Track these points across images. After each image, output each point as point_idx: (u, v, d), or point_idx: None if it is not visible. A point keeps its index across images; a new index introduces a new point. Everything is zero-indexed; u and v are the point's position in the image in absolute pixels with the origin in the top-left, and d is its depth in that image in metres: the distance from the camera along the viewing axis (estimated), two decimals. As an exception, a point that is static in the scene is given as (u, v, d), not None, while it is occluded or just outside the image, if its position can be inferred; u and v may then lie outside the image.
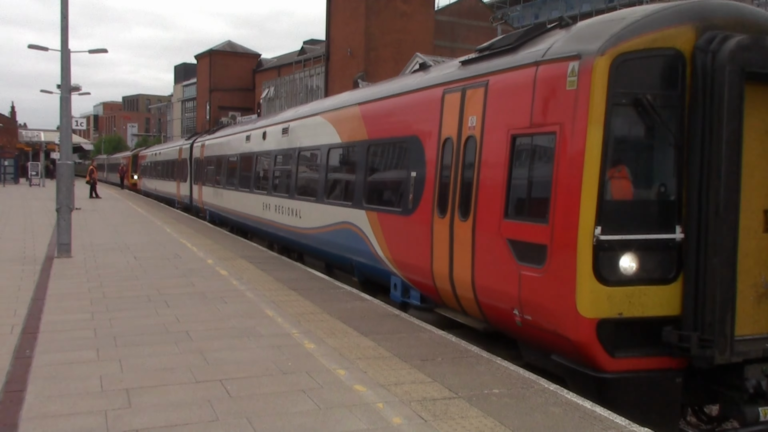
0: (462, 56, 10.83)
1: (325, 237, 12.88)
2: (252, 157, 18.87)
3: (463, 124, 8.31)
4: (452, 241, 8.30)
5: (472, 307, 8.19)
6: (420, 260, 9.15)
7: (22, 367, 6.54)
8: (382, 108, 11.09)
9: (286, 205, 15.28)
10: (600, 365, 6.32)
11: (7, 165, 59.78)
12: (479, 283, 7.75)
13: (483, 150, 7.84)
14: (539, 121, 6.99)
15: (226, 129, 25.29)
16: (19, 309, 9.12)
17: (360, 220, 11.19)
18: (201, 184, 26.52)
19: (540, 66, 7.12)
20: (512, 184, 7.36)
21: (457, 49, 50.70)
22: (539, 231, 6.75)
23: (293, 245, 15.72)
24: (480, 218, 7.74)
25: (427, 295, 9.43)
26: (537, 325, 6.88)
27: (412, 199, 9.44)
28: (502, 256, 7.30)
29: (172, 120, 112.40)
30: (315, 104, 15.82)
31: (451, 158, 8.51)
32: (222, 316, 8.86)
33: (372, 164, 11.29)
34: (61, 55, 15.05)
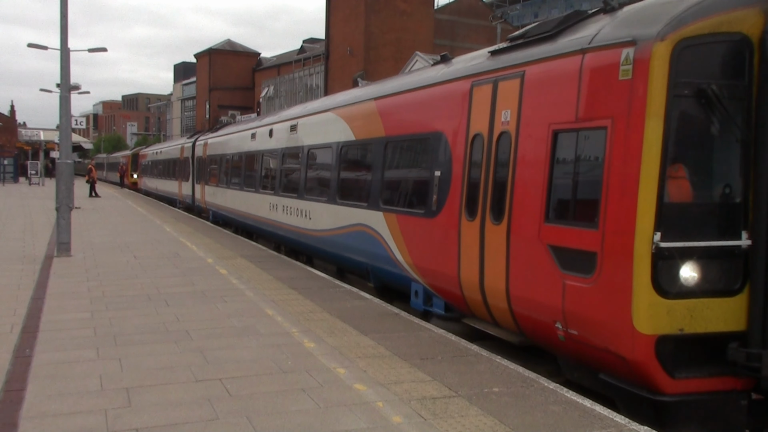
0: (462, 54, 10.71)
1: (337, 240, 12.26)
2: (257, 155, 18.26)
3: (496, 119, 7.67)
4: (483, 247, 7.70)
5: (505, 319, 7.57)
6: (445, 266, 8.53)
7: (21, 366, 6.54)
8: (402, 103, 10.36)
9: (295, 206, 14.62)
10: (658, 387, 5.76)
11: (6, 164, 59.78)
12: (515, 293, 7.15)
13: (519, 147, 7.20)
14: (587, 114, 6.38)
15: (230, 127, 24.69)
16: (18, 308, 9.12)
17: (376, 222, 10.56)
18: (203, 183, 25.96)
19: (587, 54, 6.46)
20: (554, 185, 6.74)
21: (456, 47, 50.64)
22: (587, 236, 6.16)
23: (302, 247, 15.06)
24: (516, 222, 7.14)
25: (453, 303, 8.80)
26: (584, 340, 6.29)
27: (436, 201, 8.80)
28: (543, 264, 6.70)
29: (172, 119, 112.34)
30: (325, 100, 15.07)
31: (482, 156, 7.89)
32: (222, 315, 8.86)
33: (390, 163, 10.59)
34: (61, 53, 15.04)
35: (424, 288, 9.41)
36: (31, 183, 56.16)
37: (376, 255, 10.58)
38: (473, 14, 58.45)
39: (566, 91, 6.63)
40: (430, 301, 9.39)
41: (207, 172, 25.41)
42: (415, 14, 54.63)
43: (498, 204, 7.51)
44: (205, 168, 25.76)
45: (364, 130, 11.52)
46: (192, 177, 28.98)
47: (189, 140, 31.30)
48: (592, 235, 6.10)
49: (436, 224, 8.79)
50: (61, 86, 15.35)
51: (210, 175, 24.79)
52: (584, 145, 6.47)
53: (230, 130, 23.02)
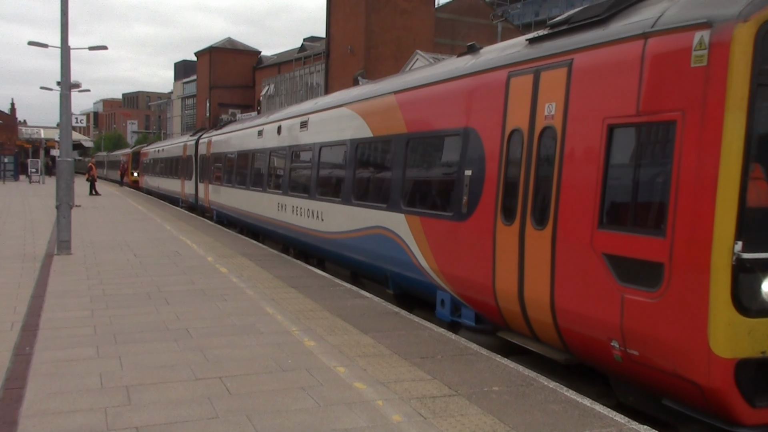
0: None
1: (352, 243, 11.51)
2: (265, 153, 17.51)
3: (538, 113, 6.97)
4: (523, 253, 7.02)
5: (548, 334, 6.89)
6: (477, 274, 7.83)
7: (21, 364, 6.54)
8: (426, 96, 9.53)
9: (306, 207, 13.86)
10: (736, 417, 5.18)
11: (6, 162, 59.84)
12: (561, 306, 6.47)
13: (566, 144, 6.51)
14: (651, 107, 5.67)
15: (235, 124, 23.86)
16: (18, 306, 9.12)
17: (397, 224, 9.82)
18: (207, 182, 25.25)
19: (650, 39, 5.78)
20: (609, 186, 6.06)
21: (457, 46, 50.64)
22: (652, 245, 5.50)
23: (313, 250, 14.33)
24: (563, 226, 6.46)
25: (486, 315, 8.09)
26: (646, 362, 5.65)
27: (467, 202, 8.08)
28: (596, 274, 6.03)
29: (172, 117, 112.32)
30: (339, 94, 13.96)
31: (521, 154, 7.18)
32: (222, 314, 8.86)
33: (412, 161, 9.82)
34: (61, 52, 15.04)
35: (451, 297, 8.71)
36: (32, 181, 56.21)
37: (397, 260, 9.90)
38: (474, 13, 58.44)
39: (625, 81, 5.95)
40: (458, 311, 8.68)
41: (211, 170, 24.77)
42: (416, 13, 54.63)
43: (541, 207, 6.83)
44: (209, 166, 25.11)
45: (382, 126, 10.77)
46: (195, 175, 28.40)
47: (192, 138, 30.57)
48: (658, 244, 5.44)
49: (467, 228, 8.10)
50: (61, 84, 15.35)
51: (214, 173, 24.13)
52: (647, 141, 5.80)
53: (235, 128, 22.34)
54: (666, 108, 5.54)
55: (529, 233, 6.95)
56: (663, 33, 5.69)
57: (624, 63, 6.02)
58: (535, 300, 6.86)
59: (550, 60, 6.96)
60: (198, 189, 27.59)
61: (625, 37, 6.07)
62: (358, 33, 54.10)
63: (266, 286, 10.92)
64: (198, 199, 27.63)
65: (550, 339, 6.96)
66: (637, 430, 5.20)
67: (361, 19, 53.62)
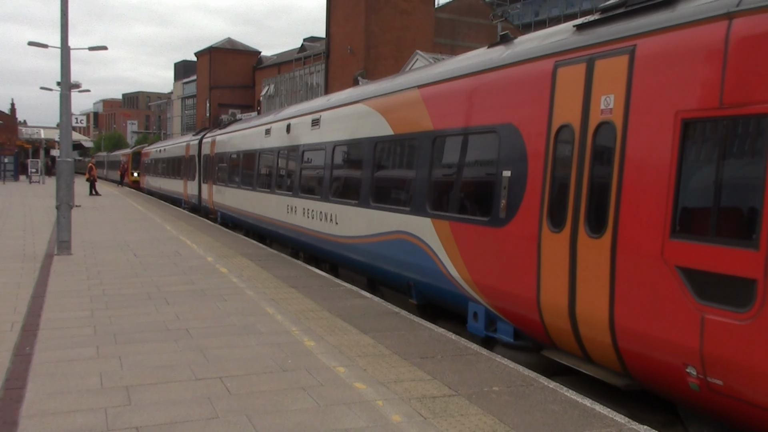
0: (463, 53, 10.40)
1: (370, 248, 10.72)
2: (273, 153, 16.73)
3: (592, 107, 6.27)
4: (574, 264, 6.33)
5: (605, 355, 6.20)
6: (518, 286, 7.14)
7: (22, 364, 6.54)
8: (456, 91, 8.74)
9: (318, 209, 13.10)
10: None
11: (7, 162, 59.85)
12: (623, 324, 5.79)
13: (629, 140, 5.81)
14: (737, 98, 4.98)
15: (240, 123, 23.03)
16: (19, 306, 9.12)
17: (423, 229, 9.09)
18: (211, 182, 24.46)
19: (735, 19, 5.06)
20: (684, 189, 5.34)
21: (457, 46, 50.72)
22: (741, 258, 4.81)
23: (325, 255, 13.47)
24: (625, 235, 5.76)
25: (527, 331, 7.37)
26: (733, 393, 4.98)
27: (506, 206, 7.35)
28: (668, 290, 5.34)
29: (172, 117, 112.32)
30: (355, 90, 13.15)
31: (571, 152, 6.48)
32: (222, 314, 8.86)
33: (440, 161, 9.05)
34: (61, 52, 15.04)
35: (486, 310, 7.93)
36: (32, 181, 56.21)
37: (422, 268, 9.15)
38: (473, 13, 58.48)
39: (703, 69, 5.25)
40: (493, 326, 7.98)
41: (215, 171, 23.94)
42: (416, 13, 54.68)
43: (597, 212, 6.13)
44: (213, 167, 24.35)
45: (405, 123, 9.99)
46: (198, 176, 27.65)
47: (195, 137, 29.75)
48: (749, 257, 4.75)
49: (506, 234, 7.36)
50: (61, 84, 15.35)
51: (219, 174, 23.36)
52: (733, 137, 5.10)
53: (241, 126, 21.58)
54: (757, 99, 4.87)
55: (583, 241, 6.24)
56: (752, 12, 4.96)
57: (702, 48, 5.30)
58: (590, 317, 6.14)
59: (607, 47, 6.24)
60: (201, 190, 26.91)
61: (703, 19, 5.34)
62: (358, 33, 54.13)
63: (266, 286, 10.92)
64: (201, 200, 27.04)
65: (606, 361, 6.25)
66: (637, 430, 5.20)
67: (361, 19, 53.65)
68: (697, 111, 5.32)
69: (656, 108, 5.67)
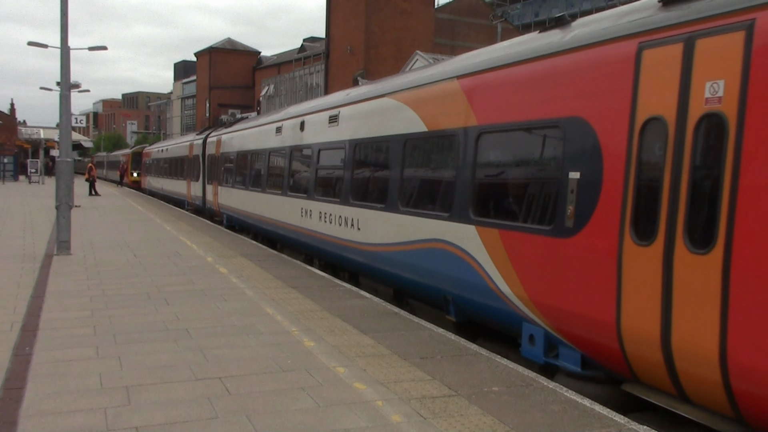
0: (463, 53, 10.10)
1: (399, 257, 9.73)
2: (285, 152, 15.59)
3: (692, 95, 5.31)
4: (670, 283, 5.37)
5: (711, 395, 5.21)
6: (590, 307, 6.17)
7: (21, 364, 6.54)
8: (506, 80, 7.68)
9: (337, 213, 12.07)
10: None
11: (6, 162, 59.86)
12: (739, 359, 4.83)
13: (747, 134, 4.86)
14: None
15: (247, 121, 21.80)
16: (18, 306, 9.12)
17: (464, 238, 8.10)
18: (216, 183, 23.43)
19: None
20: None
21: (456, 47, 50.73)
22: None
23: (345, 263, 12.35)
24: (744, 251, 4.81)
25: (599, 359, 6.35)
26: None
27: (574, 213, 6.36)
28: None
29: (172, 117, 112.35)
30: (378, 84, 11.85)
31: (664, 149, 5.53)
32: (221, 314, 8.86)
33: (486, 160, 8.02)
34: (61, 52, 15.04)
35: (545, 332, 6.91)
36: (31, 181, 56.21)
37: (463, 281, 8.19)
38: (473, 13, 58.50)
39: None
40: (553, 351, 6.96)
41: (221, 171, 22.83)
42: (416, 13, 54.69)
43: (703, 223, 5.20)
44: (219, 167, 23.29)
45: (441, 118, 8.94)
46: (203, 177, 26.58)
47: (199, 137, 28.74)
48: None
49: (575, 246, 6.38)
50: (61, 84, 15.35)
51: (225, 174, 22.27)
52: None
53: (249, 125, 20.36)
54: None
55: (682, 257, 5.29)
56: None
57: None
58: (692, 348, 5.20)
59: (712, 23, 5.25)
60: (206, 191, 25.91)
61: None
62: (358, 33, 54.14)
63: (266, 286, 10.92)
64: (206, 201, 26.02)
65: (712, 402, 5.26)
66: (636, 430, 5.20)
67: (361, 19, 53.67)
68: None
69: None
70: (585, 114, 6.38)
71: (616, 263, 5.87)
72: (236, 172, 20.66)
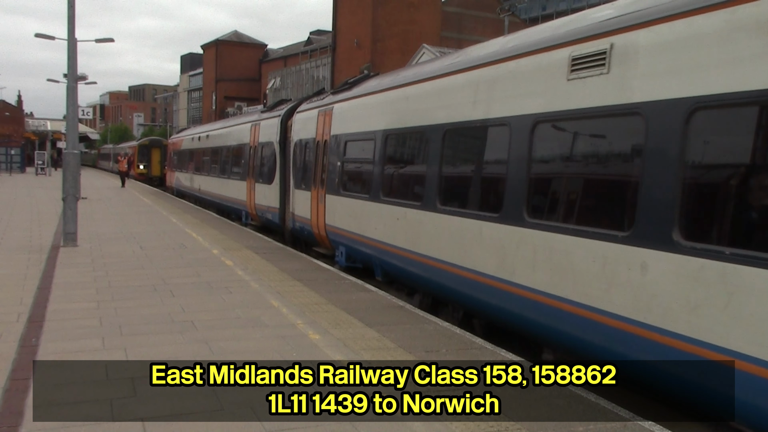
0: (469, 46, 9.74)
1: None
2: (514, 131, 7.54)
3: None
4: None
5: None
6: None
7: (28, 355, 6.57)
8: None
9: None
10: None
11: (13, 154, 60.02)
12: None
13: None
14: None
15: (386, 77, 12.35)
16: (25, 298, 9.15)
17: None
18: (323, 191, 13.97)
19: None
20: None
21: (463, 40, 50.51)
22: None
23: None
24: None
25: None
26: None
27: None
28: None
29: (179, 110, 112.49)
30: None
31: None
32: (227, 306, 8.87)
33: None
34: (68, 44, 15.05)
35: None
36: (38, 173, 56.38)
37: None
38: (480, 6, 58.27)
39: None
40: None
41: (337, 169, 13.28)
42: (423, 6, 54.54)
43: None
44: (330, 161, 13.65)
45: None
46: (281, 177, 17.69)
47: (272, 115, 19.36)
48: None
49: None
50: (68, 76, 15.37)
51: (344, 177, 12.99)
52: None
53: (423, 72, 10.32)
54: None
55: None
56: None
57: None
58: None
59: None
60: (291, 200, 16.59)
61: None
62: (365, 26, 54.02)
63: (271, 279, 10.93)
64: (292, 217, 16.50)
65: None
66: (642, 425, 5.18)
67: (368, 12, 53.55)
68: None
69: None
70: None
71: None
72: (382, 173, 11.23)
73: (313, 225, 14.63)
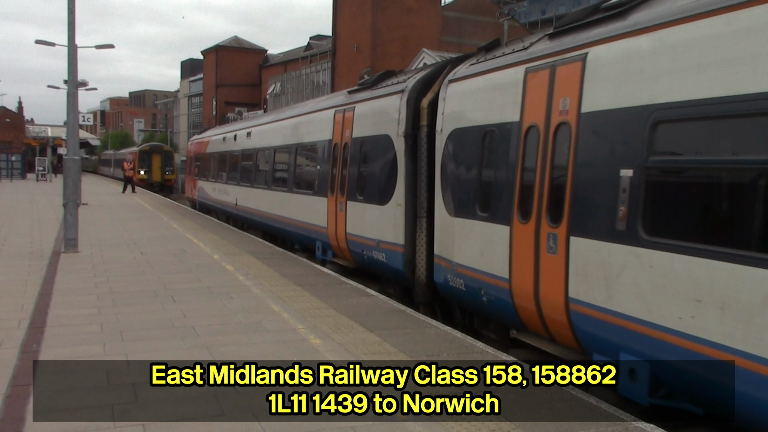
0: (469, 52, 9.99)
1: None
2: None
3: None
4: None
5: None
6: None
7: (29, 361, 6.57)
8: None
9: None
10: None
11: (14, 160, 60.06)
12: None
13: None
14: None
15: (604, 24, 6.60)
16: (26, 304, 9.16)
17: None
18: (545, 225, 6.92)
19: None
20: None
21: (463, 44, 50.58)
22: None
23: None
24: None
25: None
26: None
27: None
28: None
29: (179, 116, 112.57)
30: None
31: None
32: (228, 312, 8.87)
33: None
34: (68, 50, 15.08)
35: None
36: (39, 179, 56.42)
37: None
38: (480, 11, 58.32)
39: None
40: None
41: (604, 186, 6.09)
42: (422, 11, 54.58)
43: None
44: (562, 171, 6.73)
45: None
46: (410, 194, 10.50)
47: (381, 92, 11.88)
48: None
49: None
50: (68, 83, 15.40)
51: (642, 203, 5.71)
52: None
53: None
54: None
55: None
56: None
57: None
58: None
59: None
60: (440, 236, 9.48)
61: None
62: (365, 31, 54.09)
63: (272, 284, 10.93)
64: (440, 266, 9.50)
65: None
66: (643, 428, 5.18)
67: (368, 17, 53.61)
68: None
69: None
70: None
71: None
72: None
73: (517, 294, 7.50)
